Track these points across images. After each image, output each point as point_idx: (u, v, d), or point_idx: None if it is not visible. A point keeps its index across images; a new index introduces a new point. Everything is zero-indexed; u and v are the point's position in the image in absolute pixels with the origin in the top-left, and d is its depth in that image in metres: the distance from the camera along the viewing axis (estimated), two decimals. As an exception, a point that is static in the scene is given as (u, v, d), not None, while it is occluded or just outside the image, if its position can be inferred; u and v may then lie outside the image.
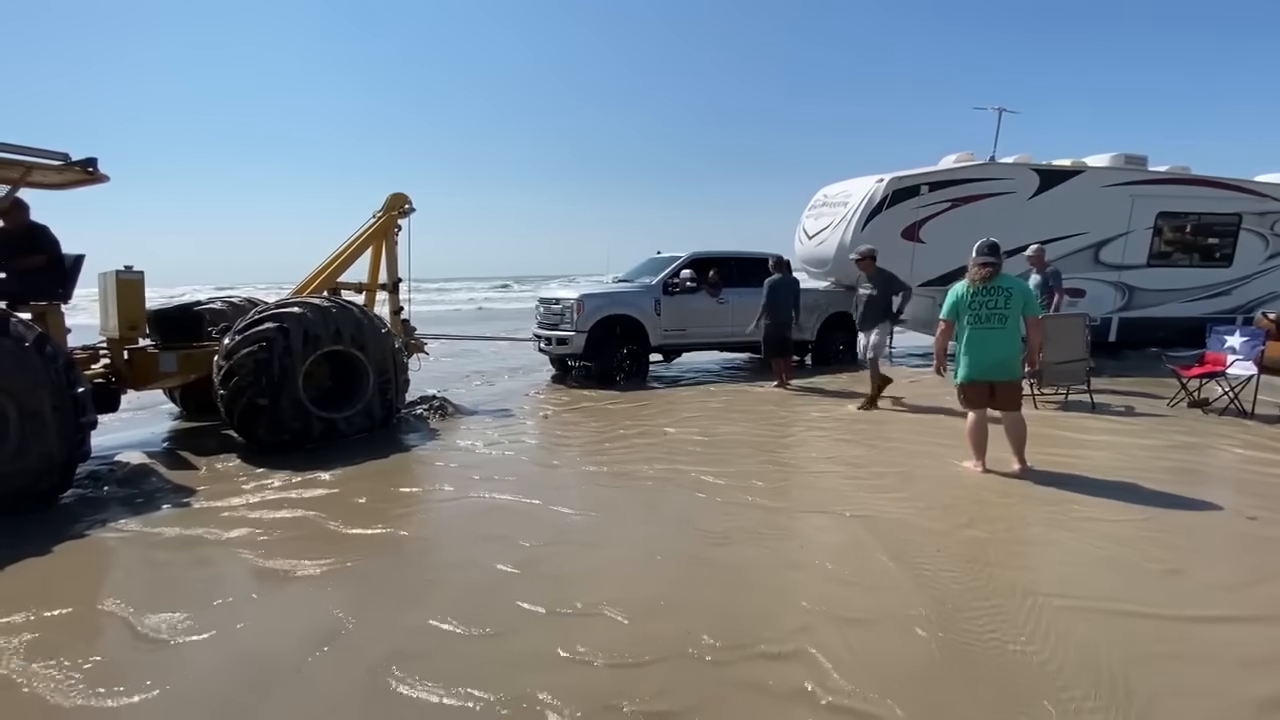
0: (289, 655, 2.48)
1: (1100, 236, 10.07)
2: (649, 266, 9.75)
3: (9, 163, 5.01)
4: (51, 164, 5.20)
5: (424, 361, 7.89)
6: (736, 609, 2.79)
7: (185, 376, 5.95)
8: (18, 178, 5.22)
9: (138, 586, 3.18)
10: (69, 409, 4.19)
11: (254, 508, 4.15)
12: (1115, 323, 10.38)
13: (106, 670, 2.40)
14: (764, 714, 2.14)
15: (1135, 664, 2.37)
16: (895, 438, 5.77)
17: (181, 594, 3.02)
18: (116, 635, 2.68)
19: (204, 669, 2.45)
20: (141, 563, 3.47)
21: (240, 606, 2.91)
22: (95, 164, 5.54)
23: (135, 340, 5.74)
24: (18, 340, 3.99)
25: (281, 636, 2.64)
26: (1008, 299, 4.49)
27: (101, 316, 5.87)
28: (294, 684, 2.32)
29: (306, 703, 2.22)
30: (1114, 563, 3.24)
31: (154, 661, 2.48)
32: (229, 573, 3.28)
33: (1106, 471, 4.68)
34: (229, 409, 5.41)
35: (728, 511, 4.03)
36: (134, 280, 5.62)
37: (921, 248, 9.52)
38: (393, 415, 6.33)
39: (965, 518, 3.84)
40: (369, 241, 7.32)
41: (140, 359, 5.70)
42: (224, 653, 2.54)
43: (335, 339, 5.80)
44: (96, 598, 3.00)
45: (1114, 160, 10.15)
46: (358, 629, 2.66)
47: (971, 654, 2.44)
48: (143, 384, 5.82)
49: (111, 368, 5.61)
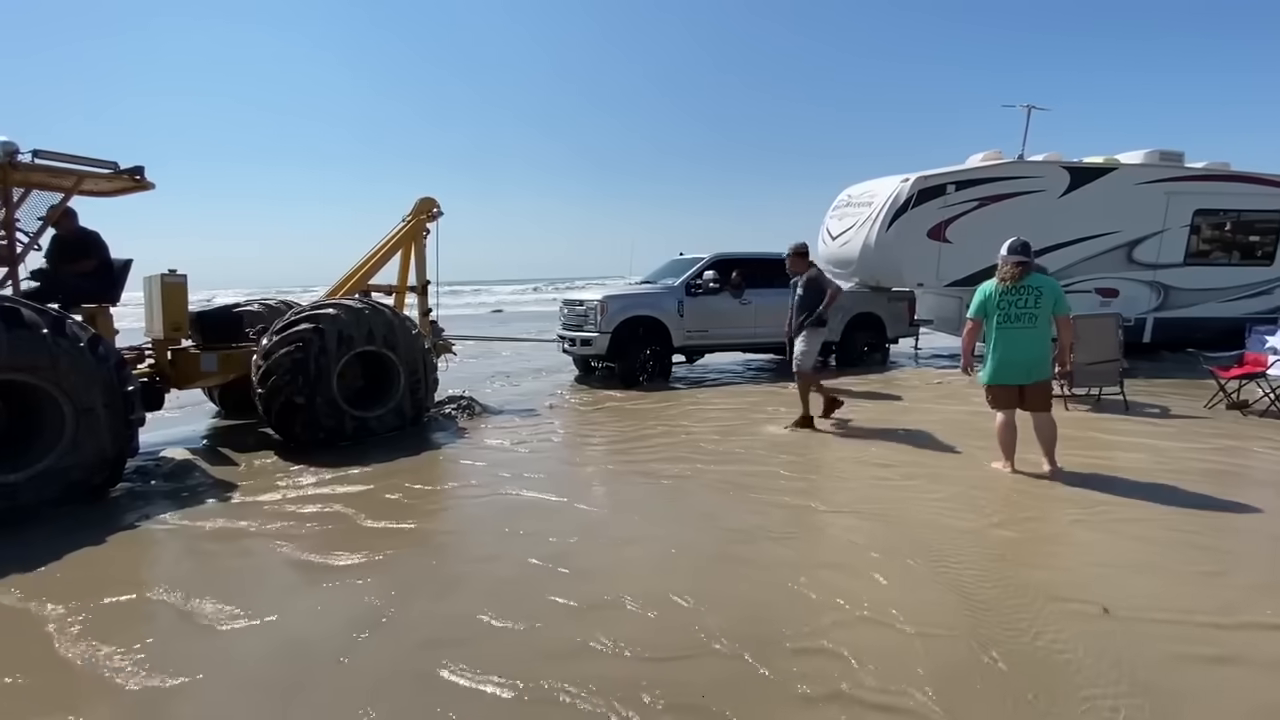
0: (331, 642, 2.57)
1: (1134, 235, 9.85)
2: (672, 268, 9.79)
3: (63, 172, 5.26)
4: (102, 172, 5.45)
5: (451, 362, 8.03)
6: (761, 606, 2.81)
7: (225, 376, 6.15)
8: (71, 186, 5.48)
9: (185, 576, 3.31)
10: (120, 406, 4.37)
11: (291, 502, 4.28)
12: (1150, 323, 10.14)
13: (158, 654, 2.51)
14: (789, 710, 2.16)
15: (1167, 667, 2.34)
16: (924, 438, 5.72)
17: (227, 583, 3.14)
18: (167, 621, 2.80)
19: (251, 653, 2.55)
20: (188, 553, 3.61)
21: (282, 596, 3.03)
22: (142, 171, 5.78)
23: (178, 341, 5.95)
24: (73, 340, 4.18)
25: (323, 624, 2.73)
26: (1038, 298, 4.43)
27: (147, 318, 6.08)
28: (337, 669, 2.41)
29: (350, 686, 2.30)
30: (1147, 565, 3.19)
31: (203, 646, 2.59)
32: (270, 564, 3.40)
33: (1140, 473, 4.59)
34: (267, 407, 5.57)
35: (752, 510, 4.05)
36: (178, 283, 5.83)
37: (948, 248, 9.41)
38: (423, 414, 6.46)
39: (995, 518, 3.80)
40: (399, 245, 7.48)
41: (183, 359, 5.91)
42: (270, 639, 2.64)
43: (368, 339, 5.95)
44: (147, 586, 3.14)
45: (1148, 157, 9.92)
46: (395, 618, 2.75)
47: (1000, 654, 2.43)
48: (185, 383, 6.03)
49: (156, 367, 5.82)
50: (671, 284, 9.20)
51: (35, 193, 5.45)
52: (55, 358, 4.06)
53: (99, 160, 5.39)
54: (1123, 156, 10.08)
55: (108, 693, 2.28)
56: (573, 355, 9.56)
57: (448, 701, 2.20)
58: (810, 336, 6.17)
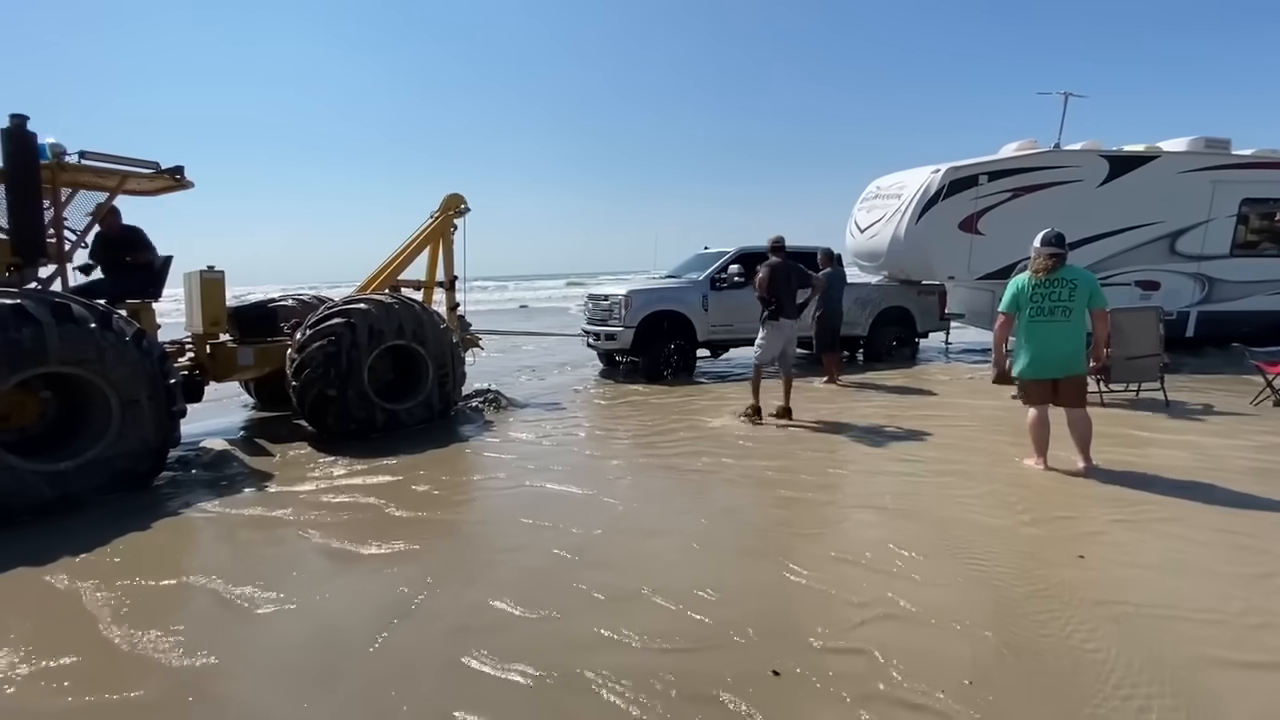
0: (364, 627, 2.64)
1: (1177, 226, 9.50)
2: (696, 262, 9.76)
3: (108, 172, 5.46)
4: (144, 172, 5.64)
5: (477, 356, 8.14)
6: (784, 601, 2.81)
7: (261, 369, 6.33)
8: (115, 185, 5.69)
9: (223, 562, 3.44)
10: (163, 398, 4.54)
11: (324, 492, 4.39)
12: (1194, 317, 9.78)
13: (198, 635, 2.61)
14: (811, 706, 2.15)
15: (1204, 668, 2.28)
16: (954, 434, 5.62)
17: (263, 569, 3.25)
18: (206, 604, 2.90)
19: (287, 637, 2.64)
20: (226, 540, 3.74)
21: (316, 582, 3.12)
22: (182, 171, 5.98)
23: (217, 335, 6.13)
24: (119, 335, 4.34)
25: (356, 610, 2.81)
26: (1072, 291, 4.32)
27: (186, 314, 6.28)
28: (370, 653, 2.47)
29: (383, 669, 2.37)
30: (1186, 565, 3.09)
31: (241, 629, 2.69)
32: (305, 551, 3.50)
33: (1180, 471, 4.45)
34: (300, 399, 5.72)
35: (777, 505, 4.04)
36: (216, 280, 6.01)
37: (980, 240, 9.21)
38: (450, 407, 6.56)
39: (1026, 516, 3.73)
40: (427, 241, 7.59)
41: (221, 353, 6.08)
42: (305, 623, 2.73)
43: (397, 334, 6.07)
44: (187, 571, 3.26)
45: (1193, 144, 9.55)
46: (424, 605, 2.81)
47: (1030, 652, 2.39)
48: (223, 376, 6.22)
49: (195, 361, 6.01)
50: (696, 278, 9.17)
51: (81, 192, 5.69)
52: (103, 351, 4.22)
53: (141, 160, 5.59)
54: (1165, 144, 9.72)
55: (151, 672, 2.38)
56: (597, 349, 9.61)
57: (475, 688, 2.25)
58: (774, 330, 6.20)
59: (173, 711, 2.18)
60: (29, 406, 4.27)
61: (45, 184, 4.99)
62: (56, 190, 5.23)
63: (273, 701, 2.23)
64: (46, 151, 4.93)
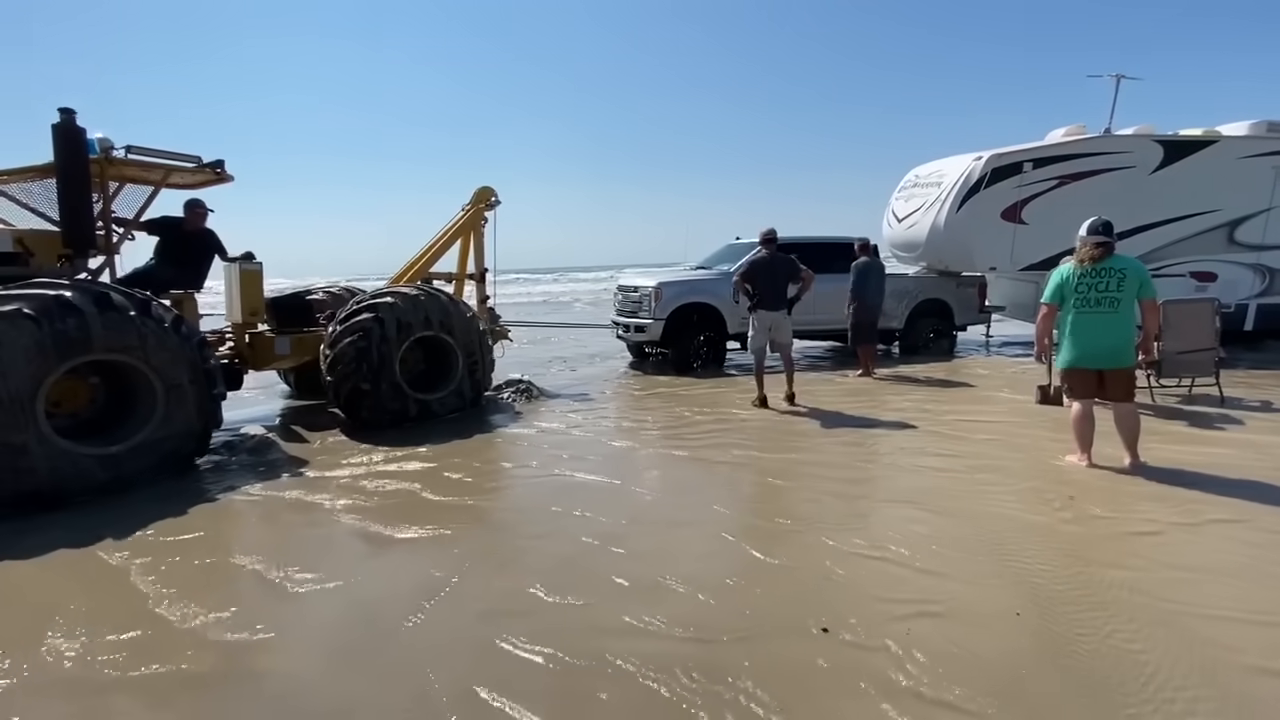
0: (400, 607, 2.73)
1: (1236, 214, 9.10)
2: (727, 253, 9.71)
3: (152, 166, 5.68)
4: (186, 166, 5.86)
5: (508, 348, 8.24)
6: (813, 595, 2.80)
7: (298, 358, 6.50)
8: (159, 179, 5.91)
9: (265, 543, 3.58)
10: (203, 382, 4.72)
11: (361, 478, 4.53)
12: (1253, 309, 9.37)
13: (242, 612, 2.73)
14: (837, 700, 2.15)
15: (1254, 677, 2.20)
16: (993, 429, 5.51)
17: (303, 551, 3.38)
18: (249, 584, 3.03)
19: (326, 615, 2.75)
20: (267, 522, 3.89)
21: (354, 564, 3.23)
22: (223, 165, 6.19)
23: (255, 325, 6.29)
24: (159, 321, 4.52)
25: (392, 591, 2.91)
26: (1120, 281, 4.19)
27: (227, 304, 6.44)
28: (405, 632, 2.56)
29: (418, 647, 2.46)
30: (1240, 568, 2.99)
31: (282, 608, 2.80)
32: (342, 534, 3.63)
33: (1234, 470, 4.29)
34: (336, 393, 5.86)
35: (807, 498, 4.02)
36: (255, 271, 6.16)
37: (1023, 229, 8.96)
38: (481, 396, 6.67)
39: (1068, 513, 3.65)
40: (458, 234, 7.70)
41: (260, 342, 6.26)
42: (343, 602, 2.83)
43: (425, 325, 6.17)
44: (230, 552, 3.40)
45: (1254, 128, 9.12)
46: (458, 589, 2.89)
47: (1069, 652, 2.35)
48: (262, 365, 6.41)
49: (235, 350, 6.19)
50: (727, 269, 9.13)
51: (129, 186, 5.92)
52: (144, 337, 4.39)
53: (184, 155, 5.79)
54: (1224, 128, 9.31)
55: (199, 646, 2.50)
56: (626, 341, 9.64)
57: (503, 668, 2.31)
58: (762, 322, 6.52)
59: (220, 683, 2.29)
60: (79, 393, 4.48)
61: (94, 178, 5.19)
62: (105, 184, 5.43)
63: (311, 676, 2.33)
64: (95, 146, 5.13)
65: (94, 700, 2.22)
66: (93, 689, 2.27)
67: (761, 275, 6.47)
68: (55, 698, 2.24)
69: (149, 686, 2.28)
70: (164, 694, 2.24)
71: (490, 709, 2.10)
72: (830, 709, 2.09)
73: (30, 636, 2.57)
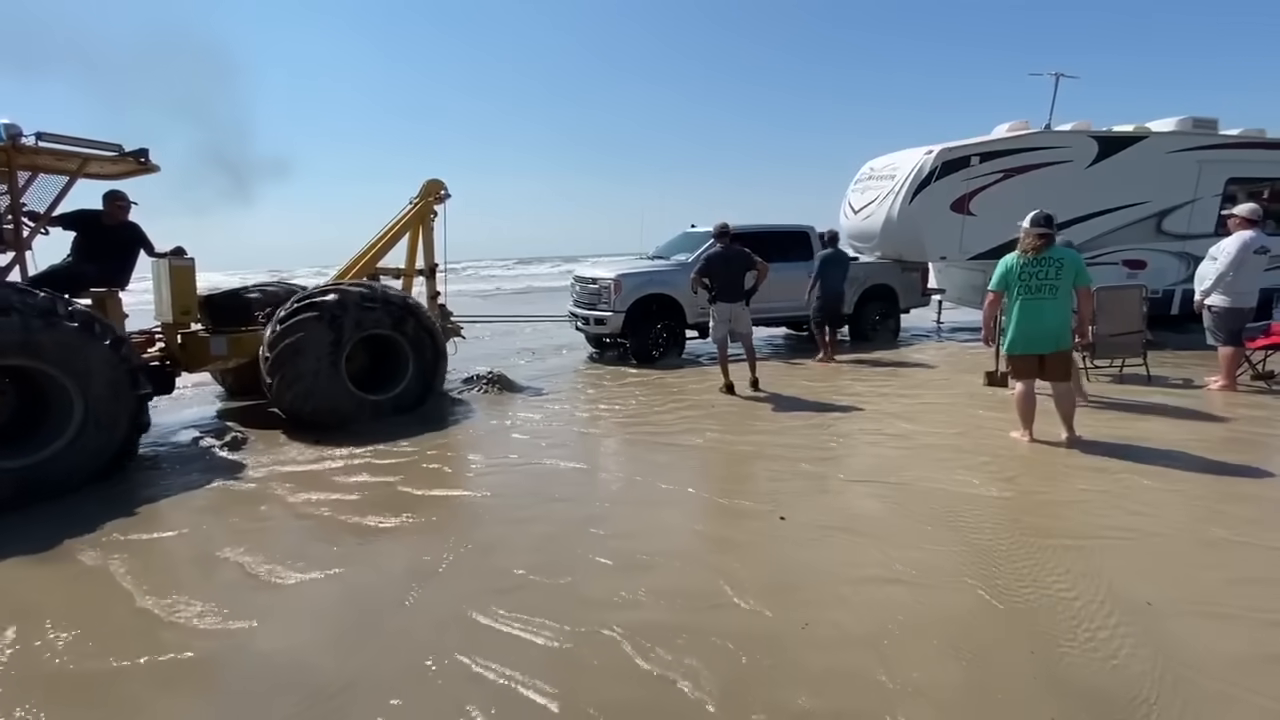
0: (392, 591, 2.94)
1: (1163, 205, 10.05)
2: (684, 242, 10.06)
3: (67, 154, 5.38)
4: (105, 155, 5.51)
5: (474, 341, 8.33)
6: (784, 567, 3.14)
7: (235, 359, 6.30)
8: (75, 169, 5.57)
9: (247, 538, 3.65)
10: (124, 383, 4.62)
11: (339, 473, 4.68)
12: (1179, 295, 10.35)
13: (234, 603, 2.89)
14: (809, 655, 2.48)
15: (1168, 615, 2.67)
16: (944, 409, 6.05)
17: (287, 544, 3.54)
18: (235, 576, 3.18)
19: (318, 603, 2.93)
20: (248, 518, 3.97)
21: (341, 554, 3.41)
22: (147, 154, 5.86)
23: (188, 325, 6.10)
24: (65, 321, 4.38)
25: (382, 577, 3.12)
26: (1059, 270, 4.72)
27: (156, 302, 6.20)
28: (400, 613, 2.78)
29: (414, 627, 2.68)
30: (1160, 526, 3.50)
31: (270, 597, 2.97)
32: (326, 527, 3.79)
33: (1162, 441, 4.90)
34: (277, 395, 5.81)
35: (774, 478, 4.40)
36: (186, 267, 5.95)
37: (972, 220, 9.65)
38: (431, 394, 6.64)
39: (1012, 486, 4.13)
40: (406, 227, 7.69)
41: (193, 343, 6.09)
42: (334, 589, 3.02)
43: (374, 323, 6.16)
44: (212, 547, 3.51)
45: (1181, 124, 10.07)
46: (446, 572, 3.13)
47: (1008, 605, 2.76)
48: (196, 366, 6.25)
49: (166, 351, 6.02)
50: (685, 259, 9.45)
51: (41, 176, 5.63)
52: (50, 341, 4.27)
53: (104, 143, 5.46)
54: (1154, 124, 10.23)
55: (198, 635, 2.66)
56: (585, 333, 9.86)
57: (497, 643, 2.55)
58: (721, 313, 6.98)
59: (223, 666, 2.47)
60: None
61: (1, 167, 5.00)
62: (13, 174, 5.17)
63: (311, 656, 2.51)
64: (1, 133, 4.92)
65: (104, 688, 2.36)
66: (102, 678, 2.41)
67: (717, 269, 6.89)
68: (61, 689, 2.36)
69: (153, 674, 2.43)
70: (168, 677, 2.40)
71: (484, 679, 2.33)
72: (806, 661, 2.43)
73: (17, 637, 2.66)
